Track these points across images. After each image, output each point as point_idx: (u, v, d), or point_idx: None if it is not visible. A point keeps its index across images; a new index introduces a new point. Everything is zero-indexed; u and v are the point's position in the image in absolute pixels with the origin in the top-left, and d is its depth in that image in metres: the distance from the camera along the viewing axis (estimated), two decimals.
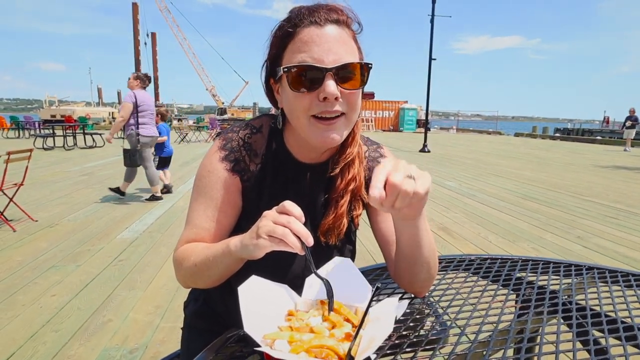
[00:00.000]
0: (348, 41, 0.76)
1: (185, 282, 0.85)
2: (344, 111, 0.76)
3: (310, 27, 0.73)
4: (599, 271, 1.04)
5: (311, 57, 0.72)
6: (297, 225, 0.62)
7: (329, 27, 0.74)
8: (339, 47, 0.73)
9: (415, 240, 0.76)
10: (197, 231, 0.85)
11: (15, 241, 3.79)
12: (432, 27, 13.66)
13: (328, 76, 0.72)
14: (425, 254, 0.78)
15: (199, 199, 0.86)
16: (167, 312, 2.48)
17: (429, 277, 0.82)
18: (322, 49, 0.72)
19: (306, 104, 0.74)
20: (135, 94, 5.15)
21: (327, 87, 0.72)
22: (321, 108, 0.74)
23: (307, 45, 0.73)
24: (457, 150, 15.24)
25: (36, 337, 2.21)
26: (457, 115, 45.76)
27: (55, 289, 2.81)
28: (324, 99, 0.73)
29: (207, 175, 0.86)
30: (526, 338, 0.70)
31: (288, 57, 0.75)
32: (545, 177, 8.44)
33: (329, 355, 0.53)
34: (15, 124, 19.31)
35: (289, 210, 0.63)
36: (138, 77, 5.28)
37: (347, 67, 0.73)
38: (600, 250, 3.76)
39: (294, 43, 0.74)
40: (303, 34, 0.73)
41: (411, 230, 0.74)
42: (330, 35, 0.73)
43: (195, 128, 20.33)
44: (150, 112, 5.35)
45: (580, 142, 22.77)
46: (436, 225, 4.54)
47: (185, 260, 0.81)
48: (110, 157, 10.93)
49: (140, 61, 46.85)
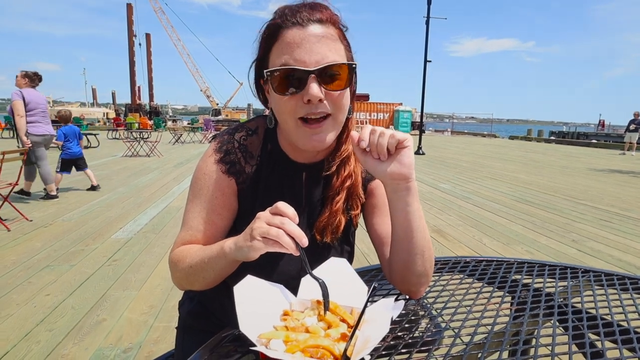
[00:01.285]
0: (333, 40, 0.74)
1: (181, 284, 0.85)
2: (330, 112, 0.75)
3: (293, 28, 0.73)
4: (595, 274, 1.05)
5: (294, 59, 0.71)
6: (291, 226, 0.62)
7: (312, 27, 0.73)
8: (322, 47, 0.72)
9: (408, 220, 0.77)
10: (192, 233, 0.84)
11: (10, 241, 3.75)
12: (428, 29, 13.71)
13: (311, 78, 0.71)
14: (420, 241, 0.78)
15: (194, 200, 0.86)
16: (161, 312, 2.47)
17: (424, 271, 0.80)
18: (305, 50, 0.71)
19: (291, 106, 0.74)
20: (22, 92, 4.96)
21: (310, 90, 0.71)
22: (306, 110, 0.74)
23: (290, 47, 0.72)
24: (452, 152, 15.30)
25: (30, 336, 2.19)
26: (452, 118, 45.91)
27: (50, 288, 2.78)
28: (308, 101, 0.72)
29: (203, 178, 0.86)
30: (522, 340, 0.71)
31: (273, 59, 0.75)
32: (540, 180, 8.48)
33: (325, 355, 0.53)
34: (9, 124, 19.16)
35: (282, 210, 0.63)
36: (26, 75, 5.10)
37: (330, 68, 0.72)
38: (595, 253, 3.78)
39: (278, 45, 0.74)
40: (286, 36, 0.73)
41: (404, 206, 0.76)
42: (313, 35, 0.72)
43: (189, 129, 20.29)
44: (41, 111, 5.16)
45: (576, 145, 22.92)
46: (430, 228, 4.55)
47: (181, 262, 0.81)
48: (104, 158, 10.88)
49: (134, 62, 46.70)
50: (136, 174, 8.02)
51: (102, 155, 11.46)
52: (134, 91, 46.30)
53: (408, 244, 0.79)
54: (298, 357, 0.51)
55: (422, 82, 14.22)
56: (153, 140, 11.98)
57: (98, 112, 45.14)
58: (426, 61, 14.02)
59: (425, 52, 14.05)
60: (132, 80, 46.25)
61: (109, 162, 9.99)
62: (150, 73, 52.45)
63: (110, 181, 7.15)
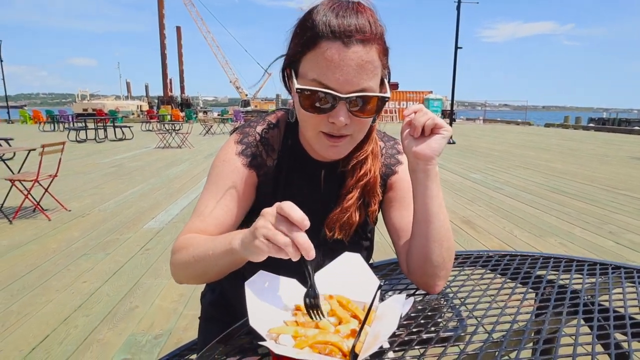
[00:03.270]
0: (372, 62, 0.70)
1: (177, 274, 0.80)
2: (351, 133, 0.76)
3: (335, 43, 0.67)
4: (626, 270, 1.00)
5: (327, 79, 0.69)
6: (300, 238, 0.56)
7: (354, 48, 0.68)
8: (359, 74, 0.69)
9: (426, 204, 0.78)
10: (204, 219, 0.81)
11: (51, 230, 3.97)
12: (459, 14, 13.28)
13: (340, 104, 0.70)
14: (438, 228, 0.78)
15: (211, 188, 0.85)
16: (190, 301, 2.55)
17: (442, 262, 0.79)
18: (341, 73, 0.68)
19: (316, 122, 0.74)
20: None
21: (337, 115, 0.70)
22: (329, 128, 0.74)
23: (327, 65, 0.68)
24: (484, 141, 14.87)
25: (68, 321, 2.32)
26: (485, 106, 44.51)
27: (86, 275, 2.93)
28: (333, 122, 0.72)
29: (223, 166, 0.85)
30: (542, 339, 0.68)
31: (305, 65, 0.71)
32: (576, 169, 8.13)
33: (333, 351, 0.53)
34: (50, 117, 20.14)
35: (288, 213, 0.56)
36: None
37: (361, 97, 0.71)
38: (634, 246, 3.60)
39: (314, 53, 0.70)
40: (325, 49, 0.68)
41: (423, 190, 0.78)
42: (353, 59, 0.68)
43: (219, 120, 20.62)
44: None
45: (617, 132, 21.71)
46: (459, 219, 4.46)
47: (184, 250, 0.76)
48: (138, 149, 11.25)
49: (166, 55, 47.76)
50: (168, 165, 8.26)
51: (135, 147, 11.85)
52: (166, 84, 47.46)
53: (426, 229, 0.79)
54: (306, 352, 0.52)
55: (453, 69, 13.84)
56: (184, 132, 12.28)
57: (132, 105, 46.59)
58: (457, 48, 13.62)
59: (456, 39, 13.65)
60: (164, 72, 47.39)
61: (142, 153, 10.32)
62: (181, 65, 53.53)
63: (143, 172, 7.40)
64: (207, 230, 0.80)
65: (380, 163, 0.91)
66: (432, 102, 29.50)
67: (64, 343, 2.10)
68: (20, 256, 3.28)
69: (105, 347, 2.07)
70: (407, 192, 0.89)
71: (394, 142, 0.98)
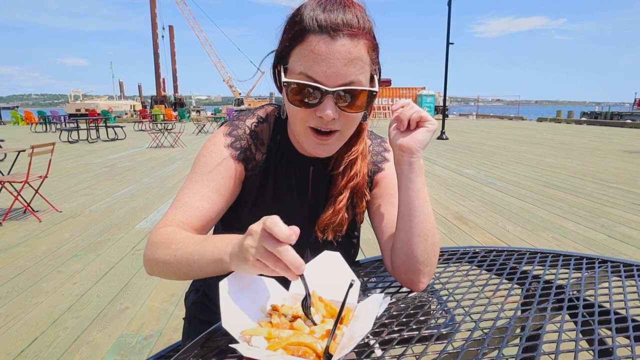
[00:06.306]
0: (360, 57, 0.69)
1: (152, 268, 0.75)
2: (339, 129, 0.75)
3: (322, 36, 0.67)
4: (613, 265, 0.99)
5: (314, 73, 0.68)
6: (289, 256, 0.53)
7: (341, 41, 0.67)
8: (347, 67, 0.68)
9: (409, 197, 0.78)
10: (186, 210, 0.78)
11: (41, 231, 3.92)
12: (450, 10, 13.25)
13: (327, 97, 0.69)
14: (422, 222, 0.78)
15: (195, 178, 0.82)
16: (181, 301, 2.53)
17: (426, 258, 0.78)
18: (328, 66, 0.67)
19: (304, 116, 0.74)
20: None
21: (324, 109, 0.70)
22: (317, 123, 0.73)
23: (314, 58, 0.68)
24: (476, 136, 14.91)
25: (57, 322, 2.29)
26: (477, 101, 44.66)
27: (77, 277, 2.90)
28: (320, 117, 0.71)
29: (209, 156, 0.83)
30: (525, 336, 0.67)
31: (294, 59, 0.71)
32: (569, 163, 8.17)
33: (307, 352, 0.51)
34: (42, 118, 19.97)
35: (273, 230, 0.53)
36: None
37: (349, 91, 0.70)
38: (626, 239, 3.62)
39: (302, 48, 0.69)
40: (312, 43, 0.68)
41: (407, 182, 0.78)
42: (340, 52, 0.67)
43: (212, 119, 20.52)
44: None
45: (609, 126, 21.88)
46: (452, 214, 4.46)
47: (164, 245, 0.71)
48: (130, 149, 11.17)
49: (158, 54, 47.45)
50: (160, 165, 8.20)
51: (128, 147, 11.77)
52: (159, 83, 47.17)
53: (410, 222, 0.78)
54: (279, 354, 0.50)
55: (445, 65, 13.83)
56: (177, 131, 12.21)
57: (125, 105, 46.24)
58: (448, 43, 13.61)
59: (447, 34, 13.63)
60: (157, 72, 47.10)
61: (135, 153, 10.25)
62: (174, 65, 53.26)
63: (135, 172, 7.35)
64: (188, 222, 0.77)
65: (368, 161, 0.91)
66: (425, 98, 29.57)
67: (53, 345, 2.07)
68: (10, 258, 3.24)
69: (94, 348, 2.05)
70: (393, 189, 0.88)
71: (380, 140, 0.99)
